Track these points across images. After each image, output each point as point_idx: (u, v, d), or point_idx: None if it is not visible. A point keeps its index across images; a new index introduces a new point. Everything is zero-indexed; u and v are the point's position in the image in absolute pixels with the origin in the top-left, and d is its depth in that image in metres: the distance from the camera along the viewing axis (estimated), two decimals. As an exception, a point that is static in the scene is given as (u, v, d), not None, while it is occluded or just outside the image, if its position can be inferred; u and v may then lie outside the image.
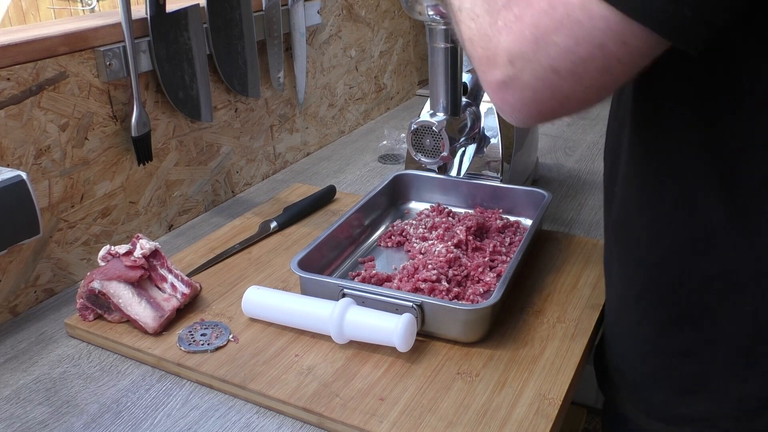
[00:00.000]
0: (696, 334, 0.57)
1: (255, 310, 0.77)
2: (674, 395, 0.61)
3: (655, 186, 0.56)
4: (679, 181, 0.54)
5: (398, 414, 0.64)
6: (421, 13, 0.87)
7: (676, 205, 0.55)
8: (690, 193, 0.54)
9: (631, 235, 0.61)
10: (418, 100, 1.73)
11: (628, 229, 0.61)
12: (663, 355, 0.60)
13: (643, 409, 0.64)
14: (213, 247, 0.95)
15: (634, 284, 0.61)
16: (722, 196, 0.52)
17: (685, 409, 0.60)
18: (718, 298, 0.55)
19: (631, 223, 0.61)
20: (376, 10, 1.51)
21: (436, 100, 0.94)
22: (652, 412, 0.63)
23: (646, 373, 0.63)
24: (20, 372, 0.73)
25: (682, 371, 0.59)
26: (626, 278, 0.63)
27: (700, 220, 0.54)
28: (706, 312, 0.56)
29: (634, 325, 0.63)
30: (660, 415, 0.63)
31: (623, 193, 0.62)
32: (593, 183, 1.17)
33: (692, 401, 0.60)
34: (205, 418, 0.66)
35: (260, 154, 1.21)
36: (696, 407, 0.59)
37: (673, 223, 0.56)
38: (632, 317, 0.63)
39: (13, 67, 0.78)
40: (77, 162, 0.88)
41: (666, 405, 0.62)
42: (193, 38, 0.98)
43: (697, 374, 0.59)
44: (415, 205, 1.04)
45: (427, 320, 0.73)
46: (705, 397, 0.59)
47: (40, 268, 0.86)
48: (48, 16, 3.35)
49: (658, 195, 0.56)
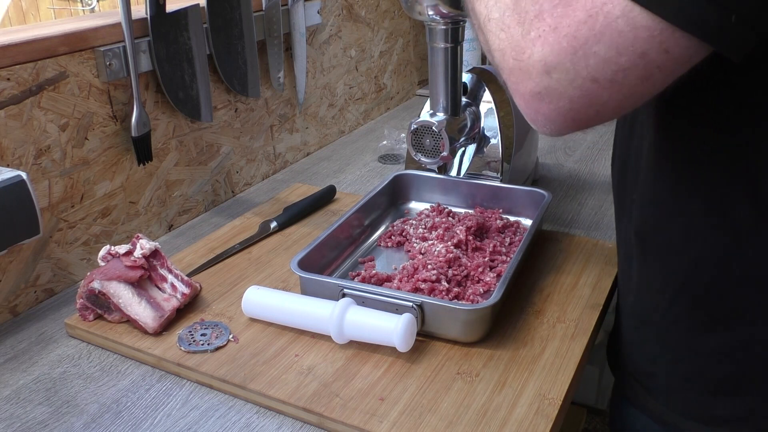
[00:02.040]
0: (730, 336, 0.58)
1: (255, 310, 0.77)
2: (710, 396, 0.61)
3: (685, 194, 0.57)
4: (708, 188, 0.55)
5: (398, 414, 0.64)
6: (421, 13, 0.87)
7: (707, 212, 0.56)
8: (719, 200, 0.55)
9: (660, 242, 0.61)
10: (418, 100, 1.73)
11: (656, 236, 0.62)
12: (698, 357, 0.61)
13: (680, 410, 0.64)
14: (213, 247, 0.95)
15: (665, 289, 0.62)
16: (749, 201, 0.53)
17: (722, 410, 0.61)
18: (751, 299, 0.56)
19: (659, 230, 0.61)
20: (376, 10, 1.51)
21: (436, 100, 0.94)
22: (687, 412, 0.64)
23: (680, 375, 0.63)
24: (20, 372, 0.73)
25: (717, 373, 0.60)
26: (655, 284, 0.63)
27: (730, 225, 0.54)
28: (740, 313, 0.57)
29: (665, 329, 0.63)
30: (696, 415, 0.63)
31: (648, 202, 0.62)
32: (593, 183, 1.17)
33: (728, 402, 0.60)
34: (205, 418, 0.66)
35: (260, 154, 1.21)
36: (732, 408, 0.60)
37: (705, 229, 0.56)
38: (664, 322, 0.63)
39: (13, 67, 0.78)
40: (77, 162, 0.88)
41: (702, 406, 0.62)
42: (193, 38, 0.98)
43: (733, 375, 0.59)
44: (415, 205, 1.04)
45: (427, 320, 0.73)
46: (741, 397, 0.59)
47: (40, 268, 0.86)
48: (48, 16, 3.35)
49: (688, 202, 0.57)
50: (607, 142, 1.34)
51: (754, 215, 0.53)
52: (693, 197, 0.56)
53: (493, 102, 1.01)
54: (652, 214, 0.62)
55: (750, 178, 0.52)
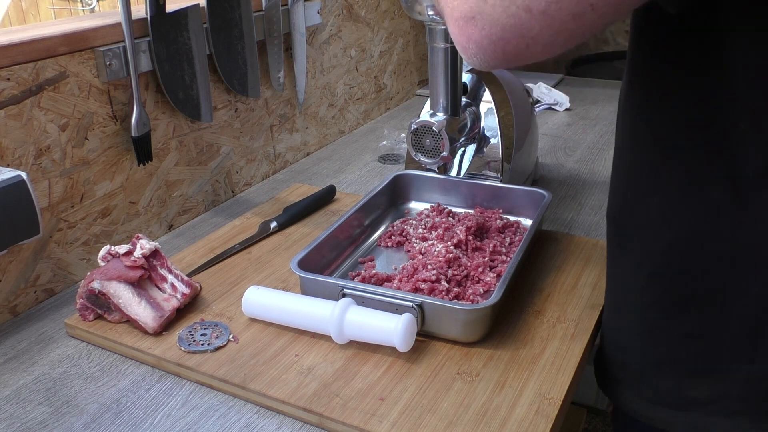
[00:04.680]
0: (703, 316, 0.58)
1: (255, 310, 0.77)
2: (682, 378, 0.61)
3: (663, 171, 0.57)
4: (684, 164, 0.55)
5: (398, 414, 0.64)
6: (421, 13, 0.87)
7: (682, 189, 0.56)
8: (694, 177, 0.55)
9: (635, 223, 0.61)
10: (418, 100, 1.73)
11: (631, 218, 0.62)
12: (670, 338, 0.61)
13: (649, 397, 0.64)
14: (213, 247, 0.95)
15: (640, 272, 0.62)
16: (725, 179, 0.53)
17: (693, 392, 0.61)
18: (724, 280, 0.56)
19: (634, 211, 0.61)
20: (376, 10, 1.51)
21: (436, 100, 0.94)
22: (657, 398, 0.64)
23: (652, 360, 0.63)
24: (20, 372, 0.73)
25: (689, 353, 0.60)
26: (632, 267, 0.63)
27: (707, 203, 0.54)
28: (712, 294, 0.57)
29: (639, 312, 0.63)
30: (666, 400, 0.63)
31: (621, 184, 0.62)
32: (593, 183, 1.17)
33: (700, 383, 0.60)
34: (205, 418, 0.66)
35: (260, 154, 1.21)
36: (703, 389, 0.60)
37: (680, 208, 0.56)
38: (638, 305, 0.63)
39: (13, 67, 0.78)
40: (77, 162, 0.88)
41: (673, 389, 0.62)
42: (193, 38, 0.98)
43: (704, 356, 0.59)
44: (415, 205, 1.04)
45: (427, 320, 0.73)
46: (712, 378, 0.59)
47: (40, 268, 0.86)
48: (48, 16, 3.34)
49: (664, 180, 0.57)
50: (608, 142, 1.34)
51: (730, 193, 0.53)
52: (667, 175, 0.56)
53: (493, 102, 1.01)
54: (627, 195, 0.62)
55: (726, 156, 0.52)
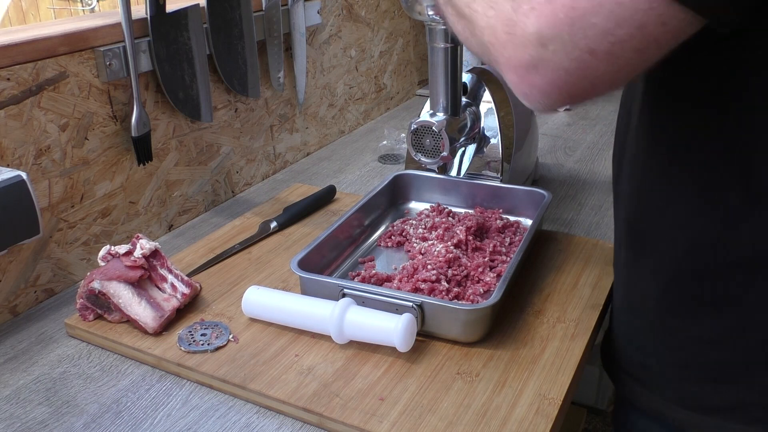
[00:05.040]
0: (724, 322, 0.58)
1: (255, 310, 0.77)
2: (703, 385, 0.61)
3: (677, 179, 0.57)
4: (699, 171, 0.55)
5: (398, 414, 0.64)
6: (421, 13, 0.87)
7: (699, 196, 0.56)
8: (711, 183, 0.55)
9: (652, 230, 0.61)
10: (418, 100, 1.73)
11: (647, 223, 0.62)
12: (692, 344, 0.61)
13: (673, 399, 0.64)
14: (213, 247, 0.95)
15: (658, 278, 0.62)
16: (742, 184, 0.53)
17: (715, 399, 0.61)
18: (743, 286, 0.56)
19: (650, 218, 0.61)
20: (376, 10, 1.51)
21: (436, 100, 0.94)
22: (682, 401, 0.63)
23: (674, 364, 0.63)
24: (20, 372, 0.73)
25: (709, 361, 0.60)
26: (648, 273, 0.63)
27: (723, 209, 0.55)
28: (732, 300, 0.57)
29: (659, 317, 0.63)
30: (691, 404, 0.63)
31: (639, 188, 0.62)
32: (593, 183, 1.17)
33: (721, 390, 0.60)
34: (205, 418, 0.66)
35: (260, 154, 1.21)
36: (724, 396, 0.60)
37: (697, 214, 0.56)
38: (657, 310, 0.63)
39: (13, 67, 0.78)
40: (77, 162, 0.88)
41: (696, 394, 0.62)
42: (193, 38, 0.98)
43: (725, 363, 0.59)
44: (415, 205, 1.04)
45: (427, 320, 0.73)
46: (733, 385, 0.59)
47: (40, 268, 0.86)
48: (48, 16, 3.35)
49: (679, 187, 0.57)
50: (607, 142, 1.34)
51: (746, 198, 0.53)
52: (684, 181, 0.56)
53: (493, 102, 1.01)
54: (644, 200, 0.62)
55: (742, 160, 0.52)
